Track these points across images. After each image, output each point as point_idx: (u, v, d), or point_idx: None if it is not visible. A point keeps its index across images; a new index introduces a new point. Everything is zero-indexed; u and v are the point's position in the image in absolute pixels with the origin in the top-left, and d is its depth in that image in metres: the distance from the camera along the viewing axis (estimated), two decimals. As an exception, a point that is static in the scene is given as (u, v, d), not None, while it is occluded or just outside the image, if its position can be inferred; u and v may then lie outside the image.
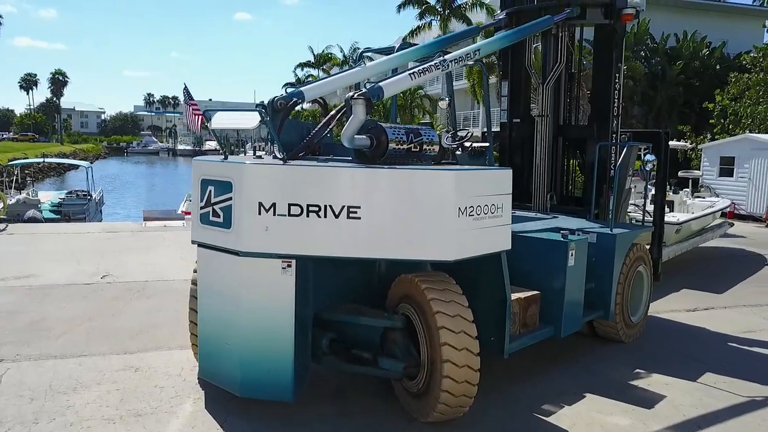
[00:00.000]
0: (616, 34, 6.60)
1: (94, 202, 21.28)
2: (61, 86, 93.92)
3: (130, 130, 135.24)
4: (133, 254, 9.86)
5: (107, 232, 11.96)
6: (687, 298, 8.01)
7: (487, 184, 3.99)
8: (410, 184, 3.71)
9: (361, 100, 3.90)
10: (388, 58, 5.51)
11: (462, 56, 5.08)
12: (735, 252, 11.83)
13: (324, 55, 66.49)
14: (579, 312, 5.26)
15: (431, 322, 3.82)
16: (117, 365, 5.09)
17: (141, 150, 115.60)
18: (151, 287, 7.81)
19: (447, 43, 6.27)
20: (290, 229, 3.72)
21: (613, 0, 6.48)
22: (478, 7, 35.87)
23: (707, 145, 19.22)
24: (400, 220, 3.69)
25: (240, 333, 3.96)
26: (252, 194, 3.75)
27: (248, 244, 3.80)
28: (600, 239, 5.54)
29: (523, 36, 6.04)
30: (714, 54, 26.42)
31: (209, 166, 4.06)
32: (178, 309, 6.77)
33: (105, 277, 8.27)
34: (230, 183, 3.85)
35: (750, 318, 7.17)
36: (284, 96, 4.70)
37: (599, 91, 6.79)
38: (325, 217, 3.68)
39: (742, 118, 20.85)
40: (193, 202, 4.20)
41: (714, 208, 11.15)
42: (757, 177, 17.23)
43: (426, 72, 4.71)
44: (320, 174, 3.74)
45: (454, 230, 3.73)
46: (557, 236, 5.12)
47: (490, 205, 3.96)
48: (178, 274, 8.53)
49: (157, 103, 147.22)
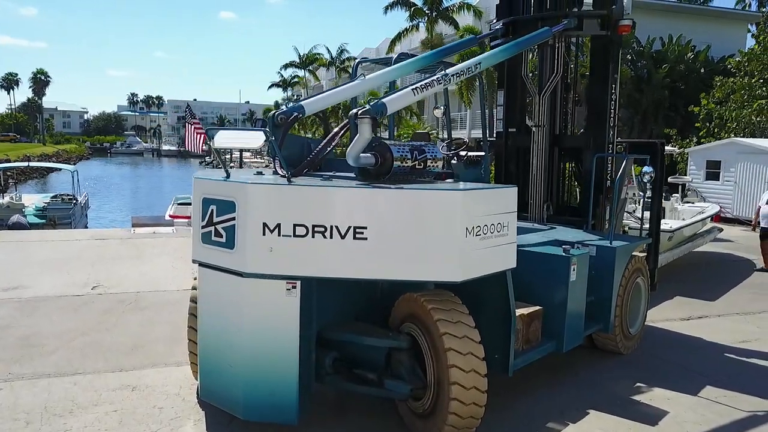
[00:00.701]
0: (613, 45, 6.61)
1: (80, 206, 20.99)
2: (43, 86, 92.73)
3: (114, 131, 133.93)
4: (123, 263, 9.71)
5: (96, 240, 11.78)
6: (681, 306, 8.05)
7: (493, 202, 3.96)
8: (417, 204, 3.67)
9: (367, 119, 3.86)
10: (387, 70, 5.47)
11: (464, 70, 5.05)
12: (724, 257, 11.94)
13: (311, 55, 66.44)
14: (580, 326, 5.25)
15: (438, 344, 3.78)
16: (113, 384, 4.99)
17: (125, 150, 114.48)
18: (143, 298, 7.69)
19: (445, 54, 6.24)
20: (295, 250, 3.67)
21: (609, 11, 6.49)
22: (465, 10, 35.96)
23: (694, 149, 19.40)
24: (406, 241, 3.65)
25: (243, 354, 3.89)
26: (256, 214, 3.68)
27: (252, 265, 3.74)
28: (600, 252, 5.54)
29: (522, 48, 6.03)
30: (699, 57, 26.71)
31: (211, 185, 3.98)
32: (172, 322, 6.69)
33: (96, 288, 8.13)
34: (233, 203, 3.78)
35: (744, 326, 7.22)
36: (285, 111, 4.65)
37: (595, 101, 6.79)
38: (331, 237, 3.63)
39: (727, 122, 21.08)
40: (194, 221, 4.13)
41: (705, 214, 11.25)
42: (743, 181, 17.43)
43: (428, 87, 4.68)
44: (326, 194, 3.69)
45: (461, 250, 3.70)
46: (559, 250, 5.11)
47: (497, 224, 3.93)
48: (170, 284, 8.44)
49: (141, 102, 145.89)
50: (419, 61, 5.78)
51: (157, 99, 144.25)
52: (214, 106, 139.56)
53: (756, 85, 20.80)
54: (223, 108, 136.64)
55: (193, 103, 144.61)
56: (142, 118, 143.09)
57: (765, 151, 16.86)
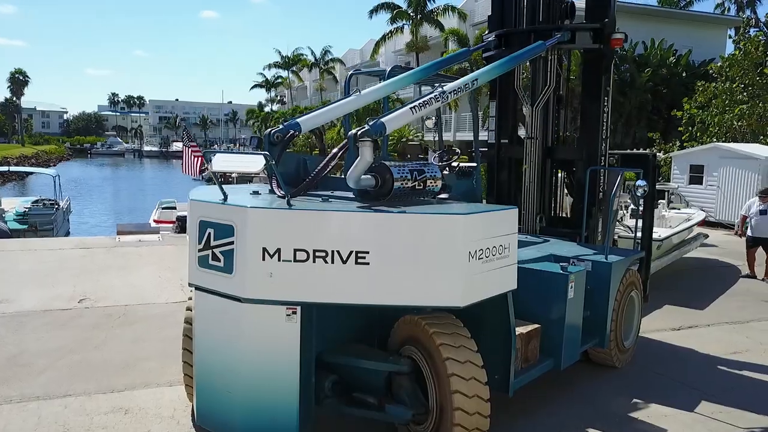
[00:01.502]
0: (605, 58, 6.63)
1: (62, 211, 20.65)
2: (21, 86, 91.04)
3: (94, 131, 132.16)
4: (109, 274, 9.55)
5: (80, 249, 11.58)
6: (671, 315, 8.11)
7: (495, 225, 3.93)
8: (420, 228, 3.63)
9: (368, 142, 3.82)
10: (383, 85, 5.42)
11: (461, 86, 5.02)
12: (710, 263, 12.07)
13: (294, 56, 66.17)
14: (577, 342, 5.26)
15: (440, 369, 3.75)
16: (105, 407, 4.89)
17: (106, 151, 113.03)
18: (132, 312, 7.57)
19: (440, 67, 6.21)
20: (295, 275, 3.61)
21: (602, 25, 6.51)
22: (450, 12, 36.06)
23: (677, 154, 19.63)
24: (409, 266, 3.61)
25: (242, 381, 3.82)
26: (256, 239, 3.61)
27: (251, 291, 3.67)
28: (596, 267, 5.55)
29: (517, 63, 6.02)
30: (681, 61, 27.05)
31: (208, 208, 3.90)
32: (162, 338, 6.59)
33: (83, 301, 7.98)
34: (232, 227, 3.71)
35: (734, 337, 7.28)
36: (281, 129, 4.59)
37: (588, 114, 6.81)
38: (333, 262, 3.58)
39: (709, 127, 21.36)
40: (191, 243, 4.04)
41: (692, 221, 11.36)
42: (726, 185, 17.67)
43: (426, 105, 4.64)
44: (328, 218, 3.63)
45: (464, 275, 3.66)
46: (556, 268, 5.10)
47: (498, 246, 3.90)
48: (159, 297, 8.32)
49: (122, 102, 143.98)
50: (415, 75, 5.74)
51: (138, 99, 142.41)
52: (197, 106, 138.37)
53: (737, 91, 21.10)
54: (205, 108, 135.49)
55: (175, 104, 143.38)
56: (123, 119, 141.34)
57: (746, 156, 17.10)
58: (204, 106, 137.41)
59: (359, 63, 55.81)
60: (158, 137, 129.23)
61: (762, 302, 9.09)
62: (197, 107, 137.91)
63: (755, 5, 42.51)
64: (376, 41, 40.13)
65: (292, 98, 73.18)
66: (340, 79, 60.46)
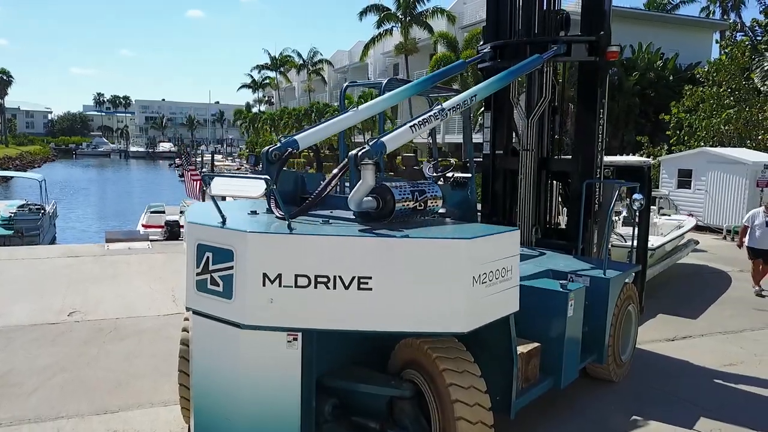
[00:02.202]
0: (601, 71, 6.62)
1: (48, 216, 20.37)
2: (5, 85, 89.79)
3: (80, 131, 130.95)
4: (99, 285, 9.41)
5: (68, 257, 11.41)
6: (664, 325, 8.13)
7: (498, 247, 3.90)
8: (424, 253, 3.58)
9: (370, 165, 3.77)
10: (380, 100, 5.37)
11: (459, 103, 4.98)
12: (701, 269, 12.15)
13: (282, 58, 65.95)
14: (577, 360, 5.24)
15: (443, 394, 3.70)
16: (99, 429, 4.80)
17: (91, 152, 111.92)
18: (123, 326, 7.45)
19: (437, 80, 6.19)
20: (297, 301, 3.54)
21: (598, 37, 6.50)
22: (438, 15, 36.08)
23: (666, 158, 19.76)
24: (412, 291, 3.56)
25: (241, 408, 3.75)
26: (256, 264, 3.55)
27: (251, 317, 3.60)
28: (594, 283, 5.53)
29: (515, 77, 6.00)
30: (668, 65, 27.26)
31: (206, 232, 3.82)
32: (155, 354, 6.49)
33: (73, 314, 7.86)
34: (231, 251, 3.64)
35: (728, 347, 7.32)
36: (278, 147, 4.53)
37: (584, 126, 6.79)
38: (335, 288, 3.52)
39: (697, 131, 21.53)
40: (188, 266, 3.96)
41: (683, 228, 11.41)
42: (714, 189, 17.82)
43: (426, 123, 4.61)
44: (330, 243, 3.57)
45: (468, 300, 3.62)
46: (555, 285, 5.07)
47: (501, 269, 3.87)
48: (149, 309, 8.20)
49: (107, 102, 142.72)
50: (412, 89, 5.71)
51: (124, 99, 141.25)
52: (183, 107, 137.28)
53: (724, 95, 21.29)
54: (192, 108, 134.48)
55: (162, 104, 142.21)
56: (109, 119, 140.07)
57: (734, 161, 17.26)
58: (191, 106, 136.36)
59: (348, 64, 55.74)
60: (144, 137, 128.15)
61: (753, 310, 9.16)
62: (184, 107, 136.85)
63: (740, 9, 42.94)
64: (365, 44, 40.10)
65: (280, 99, 72.92)
66: (329, 80, 60.32)
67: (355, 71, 53.72)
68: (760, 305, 9.41)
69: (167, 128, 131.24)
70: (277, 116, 60.05)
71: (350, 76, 55.65)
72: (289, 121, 54.36)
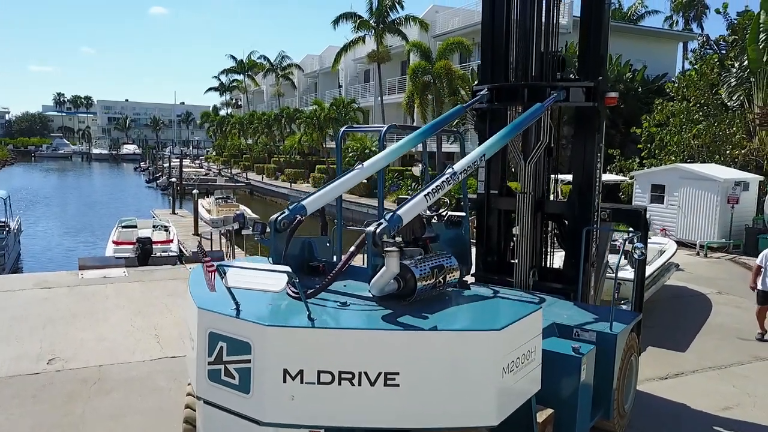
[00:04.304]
0: (599, 116, 6.60)
1: (13, 233, 19.60)
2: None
3: (39, 132, 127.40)
4: (77, 323, 9.03)
5: (41, 289, 10.94)
6: (655, 360, 8.17)
7: (525, 331, 3.80)
8: (455, 347, 3.45)
9: (395, 253, 3.62)
10: (384, 155, 5.24)
11: (470, 164, 4.89)
12: (681, 292, 12.31)
13: (250, 62, 65.13)
14: (588, 421, 5.18)
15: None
16: None
17: (51, 154, 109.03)
18: (108, 375, 7.14)
19: (438, 128, 6.13)
20: (320, 398, 3.38)
21: (596, 83, 6.48)
22: (411, 22, 36.07)
23: (639, 173, 20.07)
24: (442, 387, 3.43)
25: (258, 504, 3.56)
26: (276, 360, 3.37)
27: (271, 414, 3.42)
28: (601, 339, 5.48)
29: (520, 129, 5.91)
30: (636, 77, 27.77)
31: (220, 320, 3.62)
32: (144, 411, 6.24)
33: (53, 362, 7.50)
34: (249, 344, 3.45)
35: (721, 387, 7.39)
36: (287, 215, 4.40)
37: (581, 170, 6.77)
38: (360, 384, 3.37)
39: (667, 145, 21.94)
40: (198, 353, 3.75)
41: (666, 254, 11.53)
42: (686, 205, 18.17)
43: (439, 189, 4.50)
44: (355, 338, 3.41)
45: (498, 391, 3.52)
46: (567, 347, 5.00)
47: (527, 352, 3.78)
48: (133, 354, 7.89)
49: (68, 102, 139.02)
50: (416, 139, 5.64)
51: (86, 99, 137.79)
52: (147, 107, 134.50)
53: (693, 110, 21.75)
54: (156, 109, 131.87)
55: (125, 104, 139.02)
56: (70, 119, 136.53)
57: (706, 178, 17.62)
58: (155, 106, 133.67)
59: (318, 69, 55.36)
60: (107, 139, 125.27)
61: (737, 339, 9.31)
62: (148, 108, 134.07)
63: (701, 20, 44.12)
64: (338, 51, 39.85)
65: (248, 102, 72.08)
66: (299, 85, 59.80)
67: (326, 76, 53.43)
68: (743, 334, 9.55)
69: (131, 129, 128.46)
70: (246, 120, 59.32)
71: (320, 81, 55.37)
72: (259, 126, 53.73)
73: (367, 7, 36.34)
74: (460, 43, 29.44)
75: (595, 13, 6.65)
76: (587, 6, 6.72)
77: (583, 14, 6.77)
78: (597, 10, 6.65)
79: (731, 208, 17.38)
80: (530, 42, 6.87)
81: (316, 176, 40.32)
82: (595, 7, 6.65)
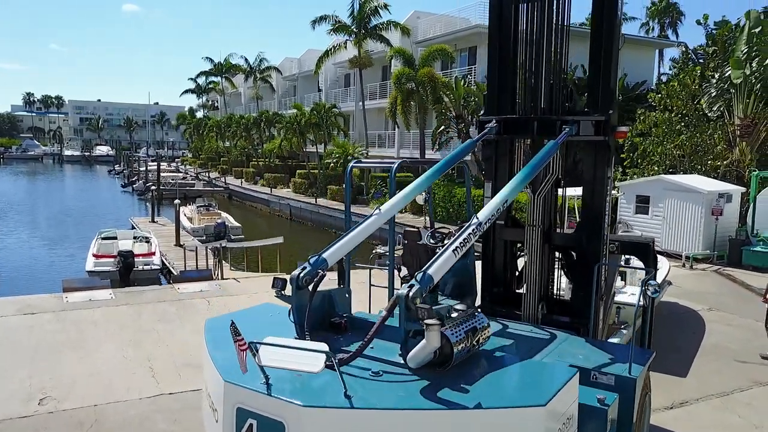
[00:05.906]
0: (609, 150, 6.55)
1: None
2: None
3: (8, 132, 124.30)
4: (66, 355, 8.70)
5: (24, 315, 10.54)
6: (657, 386, 8.05)
7: (564, 398, 3.67)
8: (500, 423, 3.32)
9: (436, 327, 3.46)
10: (400, 197, 5.14)
11: (494, 211, 4.79)
12: (673, 309, 12.38)
13: (227, 63, 64.37)
14: (610, 471, 5.10)
15: None
16: None
17: (21, 156, 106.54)
18: (104, 417, 6.86)
19: (452, 163, 6.03)
20: (359, 482, 3.22)
21: (607, 117, 6.42)
22: (392, 28, 35.97)
23: (625, 184, 20.23)
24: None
25: None
26: (313, 442, 3.20)
27: (308, 497, 3.25)
28: (620, 383, 5.40)
29: (538, 169, 5.79)
30: (618, 85, 28.04)
31: (250, 396, 3.42)
32: (148, 459, 5.98)
33: (44, 402, 7.19)
34: (282, 424, 3.27)
35: (727, 417, 7.40)
36: (308, 271, 4.23)
37: (590, 203, 6.71)
38: (402, 465, 3.21)
39: (650, 155, 22.18)
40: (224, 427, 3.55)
41: (661, 273, 11.56)
42: (671, 216, 18.37)
43: (466, 243, 4.39)
44: (396, 419, 3.25)
45: (541, 466, 3.39)
46: (592, 398, 4.89)
47: (566, 420, 3.67)
48: (129, 390, 7.60)
49: (38, 102, 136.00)
50: (430, 178, 5.53)
51: (57, 99, 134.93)
52: (121, 107, 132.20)
53: (675, 121, 22.02)
54: (130, 109, 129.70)
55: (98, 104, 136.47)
56: (40, 119, 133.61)
57: (690, 190, 17.82)
58: (129, 107, 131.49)
59: (297, 72, 54.93)
60: (80, 140, 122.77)
61: (734, 362, 9.37)
62: (121, 108, 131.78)
63: (676, 26, 44.93)
64: (319, 57, 39.56)
65: (225, 104, 71.23)
66: (278, 88, 59.27)
67: (305, 80, 53.04)
68: (739, 356, 9.63)
69: (104, 130, 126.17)
70: (224, 123, 58.56)
71: (300, 84, 54.93)
72: (238, 130, 53.04)
73: (348, 12, 36.14)
74: (442, 50, 29.42)
75: (605, 46, 6.60)
76: (597, 38, 6.67)
77: (593, 47, 6.71)
78: (607, 43, 6.60)
79: (715, 219, 17.60)
80: (540, 74, 6.79)
81: (297, 181, 39.98)
82: (605, 40, 6.60)
